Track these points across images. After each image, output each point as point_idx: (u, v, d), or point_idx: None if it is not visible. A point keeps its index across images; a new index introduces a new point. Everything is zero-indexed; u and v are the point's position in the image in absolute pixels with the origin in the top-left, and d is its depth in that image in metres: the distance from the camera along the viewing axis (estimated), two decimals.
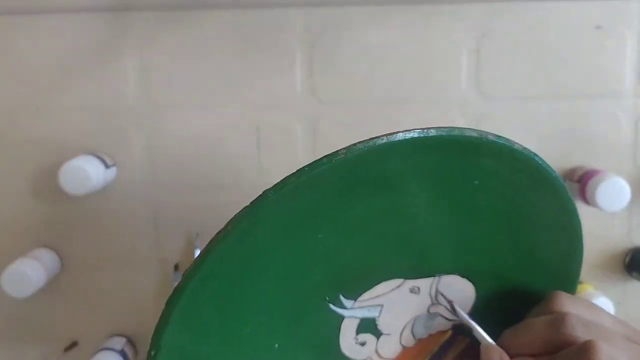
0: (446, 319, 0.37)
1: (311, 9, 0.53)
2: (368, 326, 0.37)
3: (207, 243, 0.31)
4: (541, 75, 0.55)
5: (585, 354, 0.31)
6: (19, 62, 0.53)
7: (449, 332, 0.38)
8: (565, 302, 0.34)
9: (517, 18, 0.54)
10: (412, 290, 0.37)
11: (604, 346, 0.31)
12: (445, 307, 0.37)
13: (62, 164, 0.49)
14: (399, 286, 0.37)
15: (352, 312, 0.37)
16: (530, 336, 0.33)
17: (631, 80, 0.55)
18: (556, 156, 0.56)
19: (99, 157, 0.51)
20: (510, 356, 0.33)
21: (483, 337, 0.34)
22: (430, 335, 0.38)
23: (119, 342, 0.55)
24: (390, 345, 0.38)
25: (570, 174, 0.56)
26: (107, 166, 0.52)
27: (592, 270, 0.58)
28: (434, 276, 0.37)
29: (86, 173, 0.48)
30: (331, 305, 0.37)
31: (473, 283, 0.37)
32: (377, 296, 0.37)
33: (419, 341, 0.38)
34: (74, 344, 0.57)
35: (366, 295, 0.37)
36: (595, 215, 0.57)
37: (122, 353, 0.54)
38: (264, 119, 0.54)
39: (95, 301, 0.57)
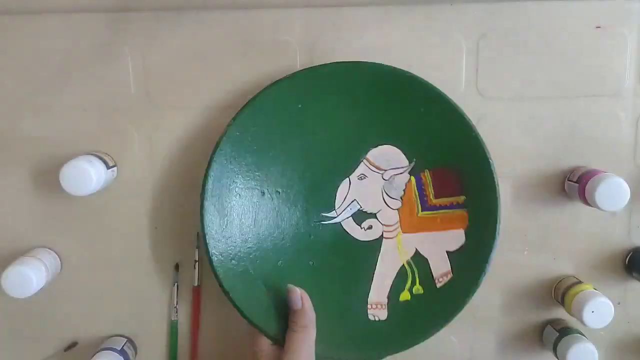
0: (400, 174, 0.52)
1: (311, 9, 0.53)
2: (361, 216, 0.52)
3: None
4: (541, 75, 0.55)
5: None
6: (19, 62, 0.53)
7: (412, 178, 0.52)
8: None
9: (517, 18, 0.54)
10: (360, 178, 0.52)
11: None
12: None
13: (62, 164, 0.49)
14: (350, 184, 0.52)
15: (340, 217, 0.53)
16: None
17: (631, 80, 0.55)
18: (556, 156, 0.56)
19: (99, 157, 0.51)
20: None
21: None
22: (405, 190, 0.52)
23: (119, 342, 0.55)
24: (388, 214, 0.53)
25: (570, 174, 0.56)
26: (107, 166, 0.52)
27: (592, 271, 0.58)
28: (362, 159, 0.52)
29: (87, 173, 0.48)
30: (323, 222, 0.52)
31: (395, 146, 0.52)
32: (344, 198, 0.52)
33: (402, 198, 0.53)
34: (74, 344, 0.58)
35: (337, 204, 0.52)
36: (595, 215, 0.57)
37: (122, 353, 0.54)
38: None
39: (95, 301, 0.57)
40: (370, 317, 0.52)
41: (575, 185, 0.54)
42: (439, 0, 0.54)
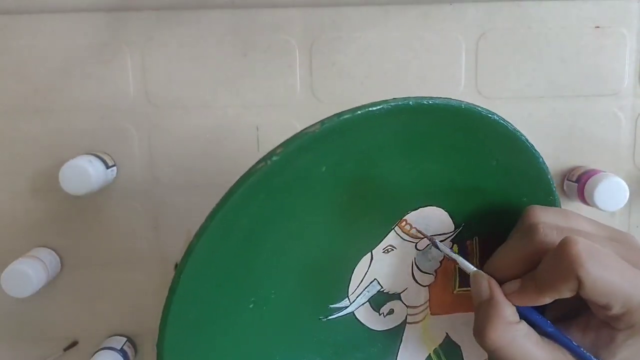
0: (441, 241, 0.38)
1: (311, 9, 0.53)
2: (380, 299, 0.38)
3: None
4: (540, 75, 0.55)
5: (562, 251, 0.29)
6: (19, 62, 0.53)
7: (455, 246, 0.38)
8: (536, 213, 0.33)
9: (516, 18, 0.54)
10: (386, 251, 0.38)
11: (582, 240, 0.29)
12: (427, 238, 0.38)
13: (62, 164, 0.49)
14: (371, 260, 0.38)
15: (355, 304, 0.38)
16: (511, 257, 0.32)
17: (630, 79, 0.55)
18: (555, 156, 0.56)
19: (99, 157, 0.51)
20: (498, 281, 0.32)
21: (467, 266, 0.34)
22: (442, 261, 0.38)
23: (119, 342, 0.55)
24: (415, 293, 0.39)
25: (568, 174, 0.56)
26: (107, 166, 0.52)
27: None
28: (394, 226, 0.37)
29: (86, 173, 0.48)
30: (332, 317, 0.38)
31: (442, 208, 0.37)
32: (362, 279, 0.38)
33: (436, 271, 0.39)
34: (74, 344, 0.58)
35: (352, 287, 0.38)
36: (594, 215, 0.57)
37: (122, 352, 0.54)
38: (264, 119, 0.54)
39: (95, 301, 0.57)
40: None
41: (574, 184, 0.54)
42: (439, 0, 0.54)
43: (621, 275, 0.29)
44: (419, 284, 0.39)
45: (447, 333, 0.40)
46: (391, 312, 0.39)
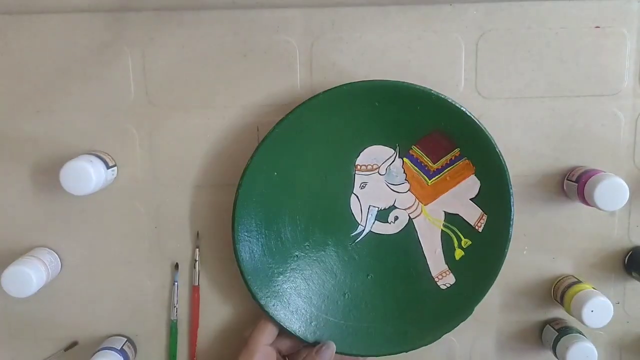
0: (392, 162, 0.54)
1: (311, 10, 0.54)
2: (383, 214, 0.55)
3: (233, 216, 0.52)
4: (540, 75, 0.55)
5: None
6: (19, 62, 0.53)
7: (405, 159, 0.54)
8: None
9: (516, 18, 0.54)
10: (362, 187, 0.55)
11: None
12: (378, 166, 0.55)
13: (62, 164, 0.49)
14: (358, 197, 0.55)
15: (367, 226, 0.55)
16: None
17: (630, 79, 0.55)
18: (554, 156, 0.56)
19: (99, 157, 0.51)
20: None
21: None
22: (405, 171, 0.55)
23: (119, 342, 0.55)
24: (404, 199, 0.55)
25: (569, 174, 0.56)
26: (107, 166, 0.52)
27: (591, 270, 0.58)
28: (354, 171, 0.54)
29: (87, 173, 0.48)
30: (357, 240, 0.56)
31: (377, 145, 0.54)
32: (361, 211, 0.55)
33: (406, 179, 0.55)
34: (73, 344, 0.58)
35: (358, 218, 0.55)
36: (594, 215, 0.57)
37: (122, 352, 0.54)
38: (264, 119, 0.54)
39: (95, 301, 0.57)
40: (443, 287, 0.55)
41: (574, 184, 0.54)
42: (438, 0, 0.54)
43: None
44: (401, 192, 0.55)
45: (444, 211, 0.55)
46: (396, 218, 0.55)
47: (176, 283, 0.57)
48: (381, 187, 0.54)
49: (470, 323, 0.55)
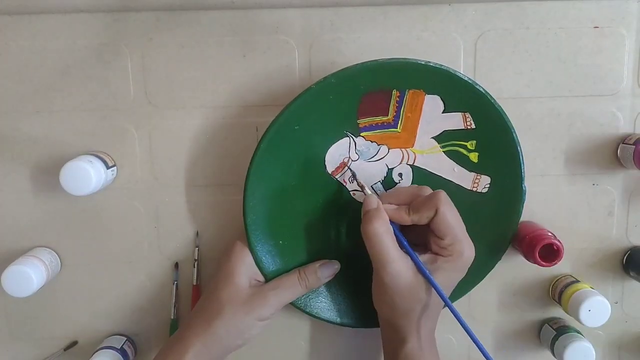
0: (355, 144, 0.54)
1: (310, 10, 0.54)
2: (387, 181, 0.55)
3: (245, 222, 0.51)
4: (539, 75, 0.55)
5: (434, 194, 0.48)
6: (19, 62, 0.53)
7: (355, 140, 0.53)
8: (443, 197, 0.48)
9: (515, 18, 0.54)
10: (351, 181, 0.54)
11: (444, 192, 0.48)
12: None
13: (62, 164, 0.49)
14: (350, 192, 0.54)
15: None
16: (399, 194, 0.50)
17: (629, 79, 0.55)
18: (554, 155, 0.56)
19: (99, 157, 0.51)
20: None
21: (366, 191, 0.52)
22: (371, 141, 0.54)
23: (119, 341, 0.56)
24: (392, 159, 0.54)
25: (626, 138, 0.55)
26: (107, 166, 0.52)
27: (589, 270, 0.58)
28: (339, 178, 0.54)
29: (87, 173, 0.48)
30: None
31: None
32: (369, 191, 0.53)
33: (377, 142, 0.54)
34: (73, 344, 0.58)
35: (369, 192, 0.53)
36: (593, 215, 0.57)
37: (121, 352, 0.54)
38: (264, 119, 0.54)
39: (95, 300, 0.57)
40: (485, 190, 0.54)
41: (630, 147, 0.53)
42: (437, 0, 0.54)
43: (457, 219, 0.48)
44: (385, 156, 0.54)
45: (431, 137, 0.54)
46: (400, 175, 0.55)
47: (176, 282, 0.57)
48: (365, 167, 0.54)
49: (469, 322, 0.55)
